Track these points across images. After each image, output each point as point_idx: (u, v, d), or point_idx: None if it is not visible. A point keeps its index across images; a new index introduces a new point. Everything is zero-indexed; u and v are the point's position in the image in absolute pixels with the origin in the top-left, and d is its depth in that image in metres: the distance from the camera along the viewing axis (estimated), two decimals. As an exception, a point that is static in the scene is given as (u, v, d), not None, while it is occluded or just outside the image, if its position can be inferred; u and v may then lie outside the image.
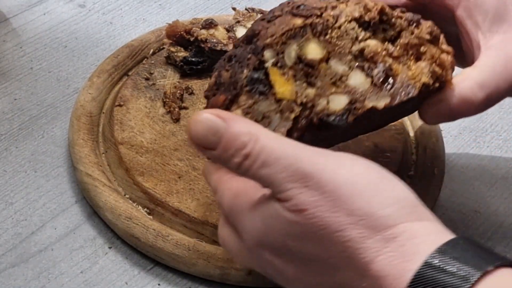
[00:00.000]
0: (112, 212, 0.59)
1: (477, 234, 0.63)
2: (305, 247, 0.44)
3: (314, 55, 0.51)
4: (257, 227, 0.45)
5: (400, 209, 0.44)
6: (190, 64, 0.69)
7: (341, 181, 0.44)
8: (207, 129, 0.44)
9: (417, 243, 0.43)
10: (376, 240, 0.43)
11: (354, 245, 0.43)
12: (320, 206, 0.43)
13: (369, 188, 0.44)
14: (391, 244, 0.43)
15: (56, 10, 0.80)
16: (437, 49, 0.53)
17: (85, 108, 0.67)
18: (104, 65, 0.71)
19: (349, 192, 0.43)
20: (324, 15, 0.51)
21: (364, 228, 0.43)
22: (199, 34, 0.69)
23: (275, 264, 0.46)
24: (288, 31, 0.51)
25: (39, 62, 0.74)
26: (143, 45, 0.73)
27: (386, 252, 0.43)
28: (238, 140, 0.44)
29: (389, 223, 0.43)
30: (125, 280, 0.57)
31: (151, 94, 0.68)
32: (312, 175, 0.43)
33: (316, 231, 0.43)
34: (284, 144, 0.45)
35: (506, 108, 0.74)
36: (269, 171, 0.44)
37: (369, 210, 0.43)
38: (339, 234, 0.43)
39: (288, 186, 0.43)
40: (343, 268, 0.44)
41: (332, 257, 0.44)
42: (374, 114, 0.52)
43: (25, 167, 0.65)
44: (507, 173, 0.67)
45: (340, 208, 0.43)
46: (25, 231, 0.60)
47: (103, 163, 0.63)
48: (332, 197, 0.43)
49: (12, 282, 0.56)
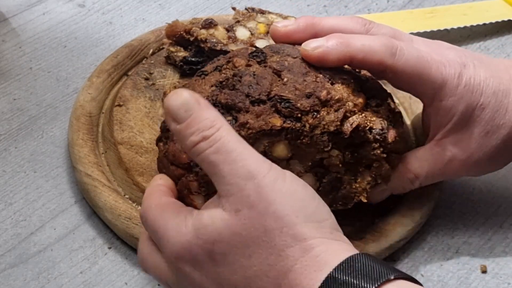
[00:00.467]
0: (111, 212, 0.59)
1: (477, 234, 0.62)
2: (230, 255, 0.46)
3: (279, 154, 0.54)
4: (183, 235, 0.47)
5: (322, 227, 0.47)
6: (190, 64, 0.69)
7: (278, 189, 0.46)
8: (181, 103, 0.47)
9: (329, 255, 0.45)
10: (296, 249, 0.45)
11: (277, 251, 0.45)
12: (254, 208, 0.45)
13: (301, 204, 0.47)
14: (307, 254, 0.45)
15: (55, 10, 0.80)
16: (386, 166, 0.56)
17: (85, 108, 0.66)
18: (103, 65, 0.70)
19: (282, 200, 0.46)
20: (303, 120, 0.53)
21: (287, 236, 0.45)
22: (199, 34, 0.69)
23: (194, 278, 0.47)
24: (264, 130, 0.52)
25: (38, 62, 0.74)
26: (143, 45, 0.73)
27: (302, 262, 0.45)
28: (203, 122, 0.47)
29: (310, 235, 0.46)
30: (125, 281, 0.57)
31: (151, 94, 0.68)
32: (254, 176, 0.46)
33: (246, 234, 0.46)
34: (240, 143, 0.47)
35: (506, 108, 0.73)
36: (219, 159, 0.46)
37: (295, 220, 0.46)
38: (265, 239, 0.45)
39: (231, 180, 0.46)
40: (261, 278, 0.46)
41: (254, 265, 0.46)
42: None
43: (24, 167, 0.64)
44: (507, 173, 0.67)
45: (270, 214, 0.45)
46: (25, 232, 0.60)
47: (102, 163, 0.63)
48: (266, 202, 0.45)
49: (11, 282, 0.56)
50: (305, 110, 0.53)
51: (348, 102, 0.54)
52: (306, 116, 0.53)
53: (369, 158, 0.55)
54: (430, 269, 0.60)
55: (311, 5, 0.83)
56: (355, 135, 0.54)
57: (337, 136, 0.54)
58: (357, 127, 0.54)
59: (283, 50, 0.56)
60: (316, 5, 0.83)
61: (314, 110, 0.53)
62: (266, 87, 0.53)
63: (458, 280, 0.59)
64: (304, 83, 0.53)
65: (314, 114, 0.53)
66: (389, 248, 0.59)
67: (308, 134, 0.53)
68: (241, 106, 0.53)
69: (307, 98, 0.53)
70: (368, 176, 0.56)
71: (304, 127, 0.53)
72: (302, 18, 0.58)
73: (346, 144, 0.55)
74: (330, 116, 0.53)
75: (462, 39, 0.81)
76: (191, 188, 0.54)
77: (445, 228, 0.63)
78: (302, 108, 0.53)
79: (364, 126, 0.54)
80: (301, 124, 0.53)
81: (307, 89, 0.53)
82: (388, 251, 0.59)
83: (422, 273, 0.59)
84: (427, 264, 0.60)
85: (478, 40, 0.81)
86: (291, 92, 0.53)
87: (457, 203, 0.65)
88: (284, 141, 0.53)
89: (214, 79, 0.55)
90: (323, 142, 0.54)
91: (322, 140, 0.54)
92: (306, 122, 0.53)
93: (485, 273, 0.60)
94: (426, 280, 0.59)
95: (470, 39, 0.81)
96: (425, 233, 0.62)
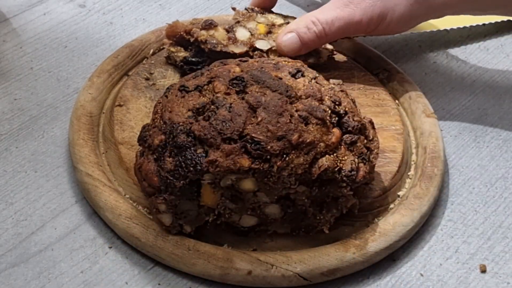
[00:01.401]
0: (112, 212, 0.59)
1: (477, 234, 0.63)
2: None
3: (246, 188, 0.55)
4: None
5: None
6: (190, 64, 0.69)
7: None
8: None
9: None
10: None
11: None
12: None
13: None
14: None
15: (56, 10, 0.80)
16: (353, 200, 0.57)
17: (85, 108, 0.67)
18: (104, 65, 0.71)
19: None
20: (271, 161, 0.53)
21: None
22: (199, 35, 0.69)
23: None
24: (232, 169, 0.53)
25: (39, 62, 0.74)
26: (143, 45, 0.73)
27: None
28: None
29: None
30: (125, 280, 0.57)
31: (151, 94, 0.68)
32: None
33: None
34: None
35: (506, 108, 0.74)
36: None
37: None
38: None
39: None
40: None
41: None
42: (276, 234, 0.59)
43: (25, 167, 0.65)
44: (507, 173, 0.67)
45: None
46: (25, 231, 0.60)
47: (103, 163, 0.63)
48: None
49: (12, 282, 0.57)
50: (275, 153, 0.53)
51: (320, 143, 0.54)
52: (275, 158, 0.53)
53: (336, 193, 0.56)
54: (429, 268, 0.60)
55: (311, 5, 0.83)
56: (323, 175, 0.55)
57: (305, 174, 0.55)
58: (325, 169, 0.54)
59: (263, 81, 0.56)
60: (316, 5, 0.83)
61: (284, 153, 0.53)
62: (239, 125, 0.54)
63: (458, 280, 0.59)
64: (277, 124, 0.54)
65: (284, 157, 0.53)
66: (389, 248, 0.59)
67: (275, 174, 0.54)
68: (213, 142, 0.53)
69: (278, 140, 0.53)
70: (333, 208, 0.57)
71: (272, 168, 0.53)
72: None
73: (314, 180, 0.55)
74: (299, 159, 0.54)
75: (462, 39, 0.81)
76: (160, 208, 0.56)
77: (445, 228, 0.63)
78: (272, 151, 0.53)
79: (334, 168, 0.55)
80: (269, 165, 0.53)
81: (279, 131, 0.53)
82: (388, 251, 0.59)
83: (422, 272, 0.60)
84: (426, 264, 0.60)
85: (478, 40, 0.81)
86: (263, 134, 0.53)
87: (456, 203, 0.65)
88: (252, 179, 0.54)
89: (192, 103, 0.56)
90: (290, 181, 0.55)
91: (289, 180, 0.55)
92: (275, 163, 0.53)
93: (485, 272, 0.60)
94: (426, 279, 0.59)
95: (469, 39, 0.81)
96: (425, 233, 0.62)
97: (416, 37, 0.80)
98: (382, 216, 0.61)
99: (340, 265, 0.57)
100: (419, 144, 0.67)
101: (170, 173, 0.54)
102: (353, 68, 0.72)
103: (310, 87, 0.57)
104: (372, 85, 0.70)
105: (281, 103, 0.55)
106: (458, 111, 0.73)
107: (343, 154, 0.56)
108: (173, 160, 0.54)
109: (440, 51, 0.79)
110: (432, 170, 0.64)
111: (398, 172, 0.63)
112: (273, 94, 0.55)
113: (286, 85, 0.56)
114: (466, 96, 0.75)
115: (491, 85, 0.76)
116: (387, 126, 0.66)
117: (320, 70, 0.62)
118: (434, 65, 0.78)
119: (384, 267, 0.60)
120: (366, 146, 0.57)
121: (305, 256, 0.57)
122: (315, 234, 0.59)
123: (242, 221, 0.58)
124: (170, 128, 0.55)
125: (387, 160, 0.64)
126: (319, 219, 0.58)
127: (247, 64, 0.59)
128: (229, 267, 0.56)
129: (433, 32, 0.80)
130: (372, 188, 0.61)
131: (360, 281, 0.59)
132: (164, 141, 0.55)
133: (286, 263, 0.57)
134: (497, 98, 0.75)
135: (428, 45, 0.80)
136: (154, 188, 0.56)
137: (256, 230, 0.59)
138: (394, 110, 0.68)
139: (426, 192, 0.62)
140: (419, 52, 0.79)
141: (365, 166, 0.56)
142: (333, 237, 0.59)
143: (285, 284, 0.57)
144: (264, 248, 0.58)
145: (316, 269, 0.57)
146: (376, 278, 0.59)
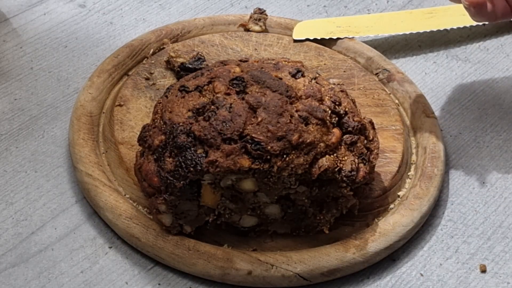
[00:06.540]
0: (112, 212, 0.59)
1: (477, 234, 0.63)
2: None
3: (246, 188, 0.55)
4: None
5: None
6: (186, 70, 0.69)
7: None
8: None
9: None
10: None
11: None
12: None
13: None
14: None
15: (56, 10, 0.80)
16: (353, 201, 0.58)
17: (85, 108, 0.67)
18: (104, 65, 0.71)
19: None
20: (271, 161, 0.53)
21: None
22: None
23: None
24: (232, 170, 0.53)
25: (39, 62, 0.74)
26: (143, 45, 0.73)
27: None
28: None
29: None
30: (125, 280, 0.57)
31: (151, 94, 0.68)
32: None
33: None
34: None
35: (506, 108, 0.74)
36: None
37: None
38: None
39: None
40: None
41: None
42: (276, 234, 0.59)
43: (25, 167, 0.65)
44: (507, 173, 0.67)
45: None
46: (25, 231, 0.60)
47: (103, 163, 0.63)
48: None
49: (12, 282, 0.57)
50: (275, 153, 0.53)
51: (320, 143, 0.55)
52: (275, 158, 0.53)
53: (336, 194, 0.56)
54: (429, 268, 0.60)
55: (311, 5, 0.83)
56: (324, 175, 0.55)
57: (305, 175, 0.55)
58: (325, 170, 0.54)
59: (264, 81, 0.56)
60: (316, 5, 0.83)
61: (284, 153, 0.53)
62: (239, 126, 0.54)
63: (458, 280, 0.59)
64: (277, 124, 0.54)
65: (284, 157, 0.53)
66: (389, 248, 0.59)
67: (276, 175, 0.54)
68: (213, 143, 0.53)
69: (278, 141, 0.53)
70: (333, 209, 0.57)
71: (272, 168, 0.54)
72: None
73: (314, 180, 0.55)
74: (299, 160, 0.54)
75: (461, 39, 0.81)
76: (160, 209, 0.56)
77: (445, 228, 0.63)
78: (272, 151, 0.53)
79: (334, 168, 0.55)
80: (269, 165, 0.53)
81: (279, 131, 0.53)
82: (388, 251, 0.59)
83: (422, 272, 0.60)
84: (426, 264, 0.60)
85: (478, 40, 0.81)
86: (263, 134, 0.53)
87: (456, 203, 0.65)
88: (252, 179, 0.54)
89: (192, 103, 0.56)
90: (290, 181, 0.55)
91: (289, 180, 0.55)
92: (275, 164, 0.53)
93: (485, 272, 0.60)
94: (426, 279, 0.59)
95: (469, 39, 0.81)
96: (425, 233, 0.62)
97: (416, 37, 0.80)
98: (382, 216, 0.61)
99: (340, 265, 0.57)
100: (419, 144, 0.67)
101: (170, 174, 0.54)
102: (353, 68, 0.72)
103: (310, 87, 0.57)
104: (372, 85, 0.70)
105: (281, 103, 0.55)
106: (458, 111, 0.73)
107: (343, 155, 0.56)
108: (173, 160, 0.54)
109: (440, 51, 0.79)
110: (432, 170, 0.64)
111: (398, 172, 0.63)
112: (273, 94, 0.55)
113: (286, 85, 0.56)
114: (466, 96, 0.75)
115: (491, 85, 0.76)
116: (387, 126, 0.66)
117: (320, 70, 0.63)
118: (434, 65, 0.78)
119: (384, 267, 0.60)
120: (366, 146, 0.57)
121: (305, 256, 0.57)
122: (315, 234, 0.59)
123: (242, 221, 0.58)
124: (170, 128, 0.55)
125: (387, 160, 0.64)
126: (319, 219, 0.58)
127: (247, 64, 0.59)
128: (229, 267, 0.56)
129: (433, 32, 0.80)
130: (372, 188, 0.61)
131: (360, 281, 0.59)
132: (164, 141, 0.55)
133: (286, 263, 0.57)
134: (497, 98, 0.75)
135: (428, 45, 0.80)
136: (154, 189, 0.56)
137: (256, 230, 0.59)
138: (394, 110, 0.68)
139: (426, 192, 0.62)
140: (419, 52, 0.79)
141: (365, 166, 0.56)
142: (333, 237, 0.59)
143: (285, 284, 0.57)
144: (264, 248, 0.58)
145: (316, 269, 0.57)
146: (376, 278, 0.59)
